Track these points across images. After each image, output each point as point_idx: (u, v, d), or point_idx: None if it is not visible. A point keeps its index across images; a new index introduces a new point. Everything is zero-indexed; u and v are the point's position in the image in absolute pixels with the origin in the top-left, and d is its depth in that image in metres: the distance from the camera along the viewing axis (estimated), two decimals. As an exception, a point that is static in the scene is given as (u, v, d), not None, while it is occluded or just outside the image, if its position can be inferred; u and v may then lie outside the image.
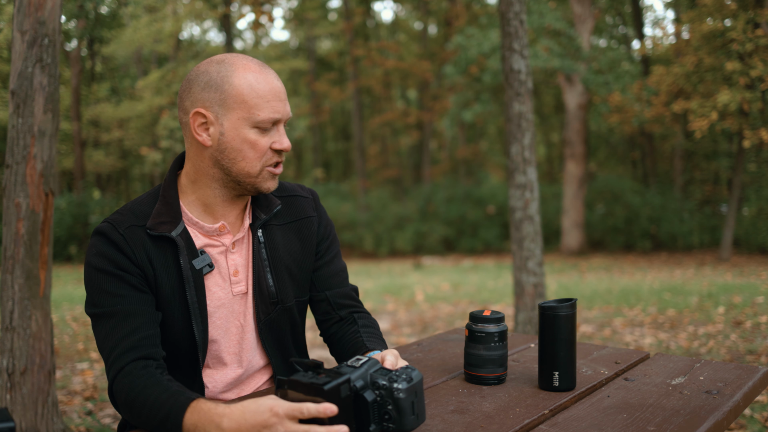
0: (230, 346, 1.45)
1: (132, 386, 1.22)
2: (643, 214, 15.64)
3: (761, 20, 10.81)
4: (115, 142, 20.94)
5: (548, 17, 13.65)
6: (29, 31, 2.78)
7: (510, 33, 4.59)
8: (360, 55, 20.72)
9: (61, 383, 4.35)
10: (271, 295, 1.46)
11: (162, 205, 1.38)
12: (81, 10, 17.41)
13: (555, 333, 1.36)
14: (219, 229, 1.41)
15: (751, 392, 1.41)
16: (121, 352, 1.26)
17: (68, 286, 11.02)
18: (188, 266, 1.36)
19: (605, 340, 5.42)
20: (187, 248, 1.37)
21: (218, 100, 1.32)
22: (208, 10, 18.03)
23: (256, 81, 1.32)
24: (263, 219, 1.46)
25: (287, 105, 1.37)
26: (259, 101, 1.31)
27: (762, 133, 10.86)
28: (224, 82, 1.32)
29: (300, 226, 1.54)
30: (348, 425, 1.07)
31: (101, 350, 1.31)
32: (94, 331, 1.33)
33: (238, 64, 1.34)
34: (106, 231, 1.33)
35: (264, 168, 1.36)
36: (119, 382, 1.24)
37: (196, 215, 1.41)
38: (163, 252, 1.35)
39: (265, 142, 1.35)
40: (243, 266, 1.45)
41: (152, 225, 1.35)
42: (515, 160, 4.61)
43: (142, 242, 1.34)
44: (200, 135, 1.35)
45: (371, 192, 20.96)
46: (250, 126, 1.33)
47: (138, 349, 1.27)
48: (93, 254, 1.33)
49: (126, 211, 1.38)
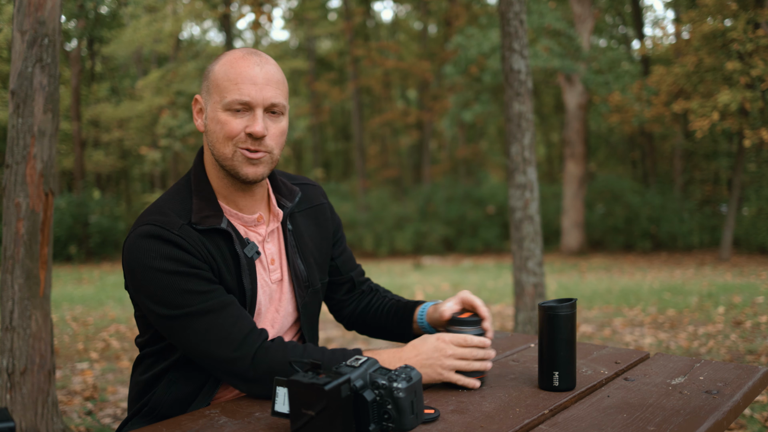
0: (272, 331, 1.51)
1: (286, 353, 1.32)
2: (643, 214, 15.64)
3: (761, 20, 10.80)
4: (115, 142, 20.94)
5: (548, 17, 13.65)
6: (29, 31, 2.78)
7: (510, 33, 4.59)
8: (360, 55, 20.72)
9: (61, 383, 4.35)
10: (303, 279, 1.52)
11: (200, 201, 1.41)
12: (81, 10, 17.41)
13: (555, 333, 1.36)
14: (257, 220, 1.46)
15: (751, 392, 1.41)
16: (242, 338, 1.32)
17: (68, 286, 11.02)
18: (243, 255, 1.40)
19: (605, 340, 5.42)
20: (237, 238, 1.41)
21: (205, 87, 1.42)
22: (208, 10, 18.03)
23: (231, 66, 1.36)
24: (290, 207, 1.52)
25: (266, 91, 1.36)
26: (227, 84, 1.35)
27: (762, 133, 10.85)
28: (210, 71, 1.41)
29: (315, 212, 1.61)
30: (348, 425, 1.07)
31: (204, 346, 1.31)
32: (185, 332, 1.32)
33: (228, 54, 1.40)
34: (160, 234, 1.32)
35: (236, 149, 1.36)
36: (263, 358, 1.31)
37: (231, 207, 1.45)
38: (217, 244, 1.38)
39: (237, 124, 1.36)
40: (276, 254, 1.50)
41: (198, 220, 1.37)
42: (515, 160, 4.61)
43: (198, 239, 1.36)
44: (197, 120, 1.46)
45: (371, 192, 20.96)
46: (222, 108, 1.36)
47: (256, 331, 1.35)
48: (156, 258, 1.31)
49: (166, 210, 1.38)
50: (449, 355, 1.32)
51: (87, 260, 16.45)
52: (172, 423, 1.24)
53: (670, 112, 13.20)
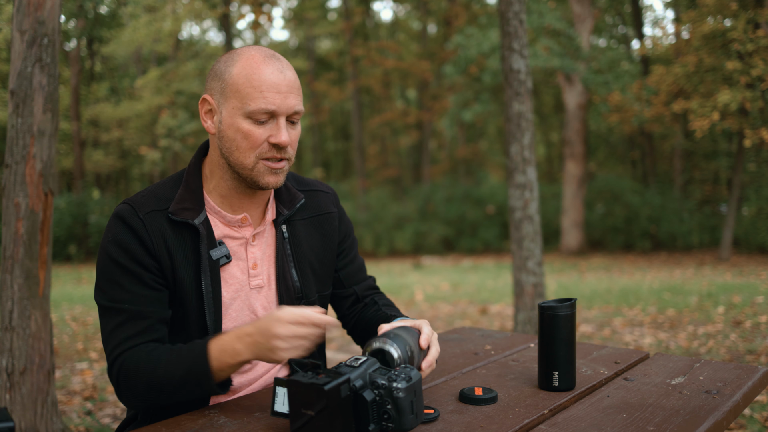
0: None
1: (142, 359, 1.26)
2: (642, 214, 15.65)
3: (761, 20, 10.80)
4: (114, 141, 20.94)
5: (548, 17, 13.65)
6: (28, 31, 2.78)
7: (509, 33, 4.58)
8: (359, 54, 20.71)
9: (61, 383, 4.34)
10: (296, 290, 1.47)
11: (185, 191, 1.38)
12: (80, 10, 17.41)
13: (554, 333, 1.36)
14: (241, 221, 1.41)
15: (750, 392, 1.41)
16: (125, 349, 1.28)
17: (68, 285, 11.02)
18: (207, 255, 1.35)
19: (605, 340, 5.42)
20: (207, 237, 1.37)
21: (219, 89, 1.34)
22: (208, 10, 18.03)
23: (253, 71, 1.30)
24: (286, 215, 1.46)
25: (290, 99, 1.32)
26: (251, 91, 1.30)
27: (763, 133, 10.85)
28: (225, 72, 1.34)
29: (321, 221, 1.55)
30: (347, 425, 1.07)
31: (105, 342, 1.31)
32: (101, 320, 1.33)
33: (244, 55, 1.34)
34: (126, 215, 1.32)
35: (259, 161, 1.33)
36: (126, 367, 1.27)
37: (217, 204, 1.41)
38: (182, 239, 1.35)
39: (260, 134, 1.32)
40: (262, 260, 1.45)
41: (175, 210, 1.34)
42: (515, 160, 4.61)
43: (162, 229, 1.33)
44: (206, 121, 1.39)
45: (371, 192, 20.96)
46: (243, 116, 1.31)
47: (143, 347, 1.30)
48: (110, 240, 1.32)
49: (148, 194, 1.37)
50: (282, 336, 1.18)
51: (86, 260, 16.45)
52: (171, 423, 1.24)
53: (669, 111, 13.20)
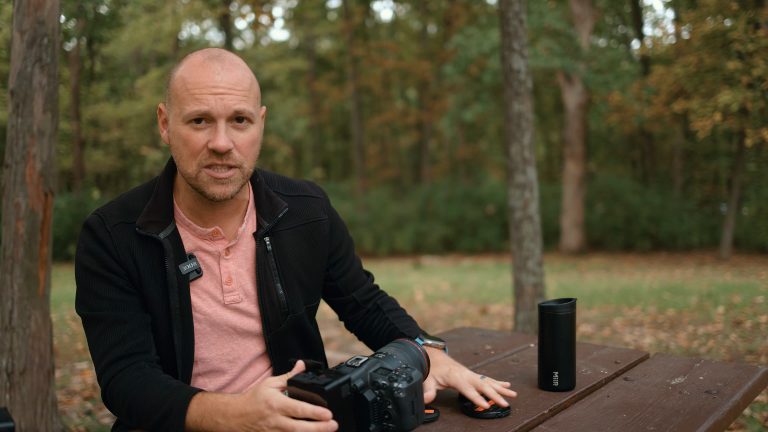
0: (222, 354, 1.38)
1: (129, 388, 1.21)
2: (642, 214, 15.65)
3: (762, 20, 10.80)
4: (114, 141, 20.95)
5: (548, 17, 13.65)
6: (28, 31, 2.78)
7: (510, 33, 4.58)
8: (359, 54, 20.71)
9: (61, 383, 4.34)
10: (281, 305, 1.39)
11: (154, 203, 1.32)
12: (80, 10, 17.41)
13: (554, 333, 1.36)
14: (212, 234, 1.34)
15: (750, 392, 1.41)
16: (112, 360, 1.25)
17: (67, 285, 11.01)
18: (174, 270, 1.30)
19: (605, 340, 5.42)
20: (175, 251, 1.31)
21: (167, 97, 1.29)
22: (208, 10, 18.02)
23: (189, 74, 1.23)
24: (267, 227, 1.38)
25: (228, 99, 1.21)
26: (185, 94, 1.22)
27: (763, 133, 10.85)
28: (170, 78, 1.29)
29: (310, 229, 1.46)
30: (348, 425, 1.07)
31: (92, 353, 1.29)
32: (85, 332, 1.31)
33: (187, 59, 1.28)
34: (94, 226, 1.30)
35: (201, 169, 1.24)
36: (113, 387, 1.23)
37: (187, 216, 1.34)
38: (149, 253, 1.30)
39: (198, 138, 1.22)
40: (237, 274, 1.37)
41: (141, 224, 1.29)
42: (515, 160, 4.61)
43: (128, 242, 1.29)
44: (162, 132, 1.33)
45: (371, 192, 20.95)
46: (182, 121, 1.23)
47: (129, 357, 1.25)
48: (81, 250, 1.30)
49: (119, 204, 1.33)
50: (273, 427, 1.05)
51: (86, 260, 16.42)
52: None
53: (669, 111, 13.21)
